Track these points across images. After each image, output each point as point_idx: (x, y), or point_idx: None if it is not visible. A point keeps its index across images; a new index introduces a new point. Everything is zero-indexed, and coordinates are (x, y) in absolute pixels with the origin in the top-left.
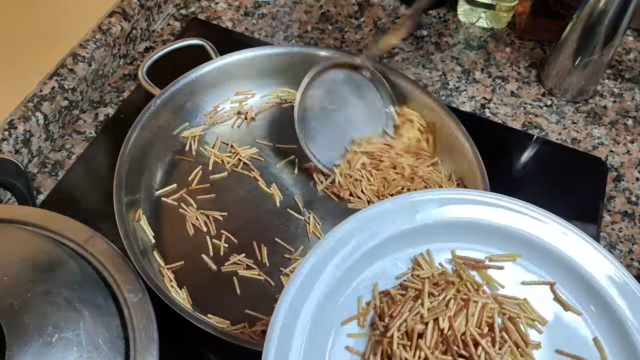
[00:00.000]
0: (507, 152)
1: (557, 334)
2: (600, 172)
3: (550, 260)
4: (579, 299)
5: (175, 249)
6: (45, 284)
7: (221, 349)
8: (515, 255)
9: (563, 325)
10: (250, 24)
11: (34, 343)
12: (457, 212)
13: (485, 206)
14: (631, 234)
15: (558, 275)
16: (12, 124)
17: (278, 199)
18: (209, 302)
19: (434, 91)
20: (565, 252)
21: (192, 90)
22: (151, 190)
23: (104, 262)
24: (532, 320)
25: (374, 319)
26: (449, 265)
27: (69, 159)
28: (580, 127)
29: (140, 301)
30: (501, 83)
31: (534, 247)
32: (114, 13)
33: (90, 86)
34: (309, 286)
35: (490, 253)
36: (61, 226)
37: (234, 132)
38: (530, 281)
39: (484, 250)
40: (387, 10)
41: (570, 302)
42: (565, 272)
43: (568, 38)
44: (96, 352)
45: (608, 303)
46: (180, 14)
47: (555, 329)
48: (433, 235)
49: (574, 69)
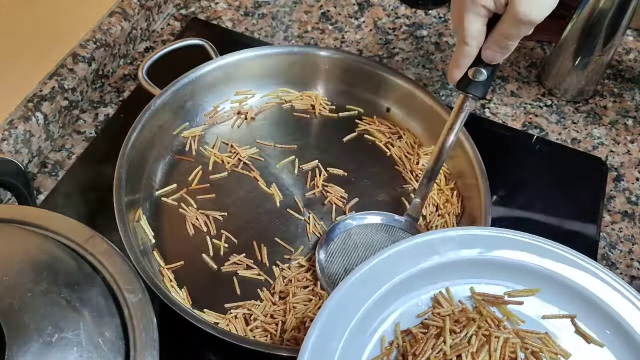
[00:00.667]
0: (507, 152)
1: None
2: (600, 172)
3: (569, 294)
4: (600, 331)
5: (175, 249)
6: (45, 284)
7: (221, 349)
8: (533, 290)
9: (586, 358)
10: (250, 24)
11: (34, 343)
12: (473, 250)
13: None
14: (631, 234)
15: (577, 308)
16: (12, 124)
17: (278, 199)
18: (209, 302)
19: (434, 91)
20: (583, 285)
21: (192, 90)
22: (151, 190)
23: (104, 262)
24: (555, 354)
25: (397, 358)
26: (469, 302)
27: (69, 159)
28: (580, 127)
29: (140, 301)
30: (501, 83)
31: (552, 281)
32: (114, 13)
33: (90, 86)
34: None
35: (508, 288)
36: (61, 226)
37: (234, 132)
38: (551, 315)
39: (502, 285)
40: (387, 10)
41: (591, 334)
42: (583, 305)
43: (568, 38)
44: (96, 352)
45: (629, 334)
46: (180, 14)
47: None
48: (451, 273)
49: (574, 69)
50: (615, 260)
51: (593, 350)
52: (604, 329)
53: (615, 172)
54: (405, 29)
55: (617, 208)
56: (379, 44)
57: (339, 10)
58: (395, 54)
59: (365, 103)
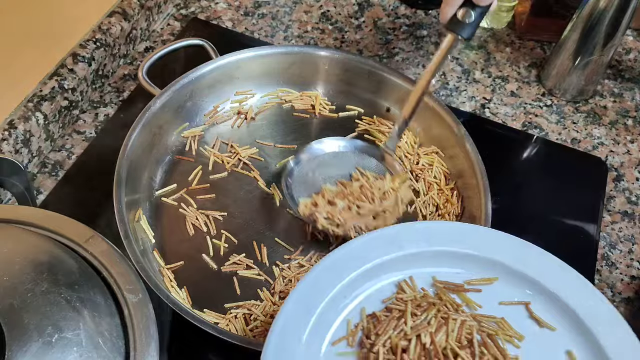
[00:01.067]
0: (507, 152)
1: (534, 348)
2: (600, 172)
3: (525, 283)
4: (552, 317)
5: (175, 249)
6: (45, 284)
7: (221, 349)
8: (492, 279)
9: (539, 340)
10: (250, 24)
11: (34, 343)
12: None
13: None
14: (631, 234)
15: (532, 295)
16: (12, 124)
17: (278, 199)
18: (209, 302)
19: (434, 91)
20: (537, 275)
21: (192, 90)
22: (151, 190)
23: (104, 262)
24: (510, 337)
25: (362, 338)
26: (431, 290)
27: (69, 159)
28: (580, 127)
29: (140, 301)
30: (501, 83)
31: (509, 271)
32: (114, 13)
33: (90, 86)
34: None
35: (469, 278)
36: (61, 226)
37: (234, 132)
38: (507, 301)
39: (463, 275)
40: (387, 10)
41: (544, 319)
42: (538, 292)
43: (568, 38)
44: (96, 352)
45: (581, 319)
46: (180, 14)
47: (531, 344)
48: (415, 263)
49: (574, 69)
50: (615, 260)
51: (545, 333)
52: (556, 314)
53: (615, 172)
54: (405, 29)
55: (617, 208)
56: (379, 44)
57: (339, 10)
58: (395, 54)
59: (365, 103)
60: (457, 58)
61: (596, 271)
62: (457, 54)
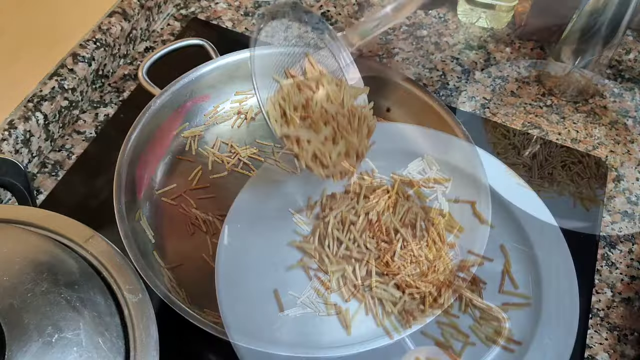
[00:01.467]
0: (507, 152)
1: (472, 239)
2: (600, 172)
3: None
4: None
5: (175, 249)
6: (45, 284)
7: (221, 349)
8: (447, 179)
9: (477, 233)
10: (250, 24)
11: (34, 343)
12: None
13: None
14: (631, 234)
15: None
16: (12, 124)
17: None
18: (209, 302)
19: (434, 91)
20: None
21: (192, 90)
22: (151, 190)
23: (104, 262)
24: (452, 227)
25: (319, 212)
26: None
27: (69, 159)
28: (580, 127)
29: (140, 301)
30: (501, 83)
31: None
32: (114, 13)
33: (90, 86)
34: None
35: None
36: (61, 226)
37: (234, 132)
38: (455, 199)
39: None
40: None
41: (485, 217)
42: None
43: (568, 38)
44: (96, 352)
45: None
46: (180, 14)
47: (470, 236)
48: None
49: (574, 69)
50: (615, 260)
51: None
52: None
53: (615, 172)
54: (405, 29)
55: (617, 208)
56: (379, 44)
57: (339, 10)
58: (395, 54)
59: None
60: (457, 58)
61: (596, 271)
62: (457, 54)
